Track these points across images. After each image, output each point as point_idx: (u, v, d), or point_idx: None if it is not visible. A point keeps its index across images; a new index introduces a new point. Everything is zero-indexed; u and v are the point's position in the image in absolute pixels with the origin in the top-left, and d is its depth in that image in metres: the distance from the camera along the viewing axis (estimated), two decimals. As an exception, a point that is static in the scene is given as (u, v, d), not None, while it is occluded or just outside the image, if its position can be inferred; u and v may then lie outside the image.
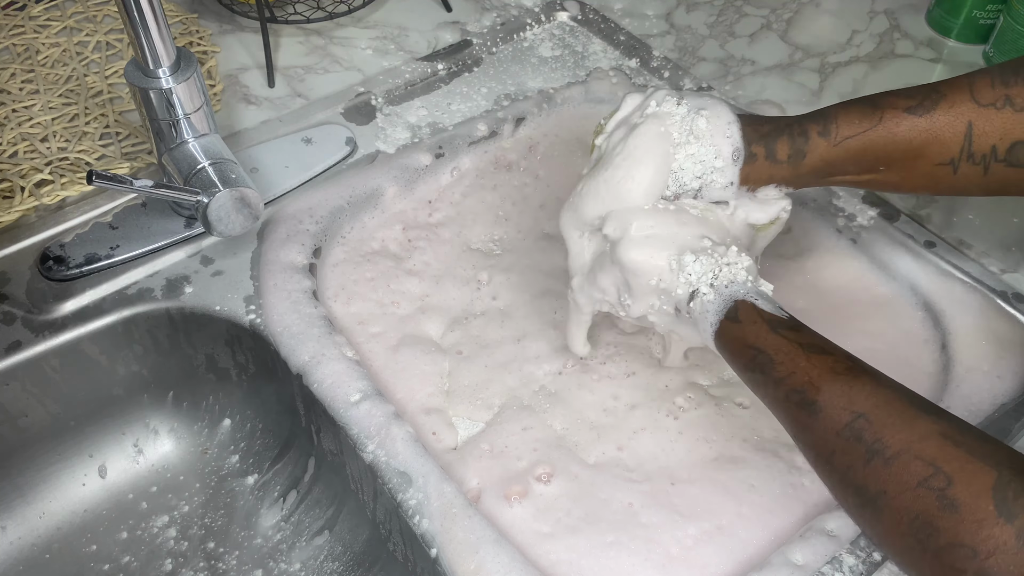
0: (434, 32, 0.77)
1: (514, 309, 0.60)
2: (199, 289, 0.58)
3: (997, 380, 0.54)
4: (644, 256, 0.47)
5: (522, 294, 0.61)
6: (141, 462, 0.62)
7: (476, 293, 0.61)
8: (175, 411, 0.62)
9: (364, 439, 0.50)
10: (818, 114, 0.49)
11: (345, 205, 0.63)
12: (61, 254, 0.58)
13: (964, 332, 0.56)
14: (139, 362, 0.59)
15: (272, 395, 0.59)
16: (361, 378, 0.53)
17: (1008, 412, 0.52)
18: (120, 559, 0.59)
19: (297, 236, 0.60)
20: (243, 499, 0.61)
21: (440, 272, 0.62)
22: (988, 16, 0.76)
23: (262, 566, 0.59)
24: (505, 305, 0.61)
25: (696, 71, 0.74)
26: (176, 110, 0.53)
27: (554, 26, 0.79)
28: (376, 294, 0.60)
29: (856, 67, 0.75)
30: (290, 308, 0.56)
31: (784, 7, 0.82)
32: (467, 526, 0.46)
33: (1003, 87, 0.46)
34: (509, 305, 0.61)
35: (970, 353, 0.55)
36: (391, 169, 0.65)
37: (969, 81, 0.46)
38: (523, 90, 0.72)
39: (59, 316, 0.56)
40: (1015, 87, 0.45)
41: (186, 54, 0.54)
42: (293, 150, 0.65)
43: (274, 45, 0.74)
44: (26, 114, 0.66)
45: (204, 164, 0.54)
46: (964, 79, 0.47)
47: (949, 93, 0.46)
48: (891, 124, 0.47)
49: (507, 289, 0.62)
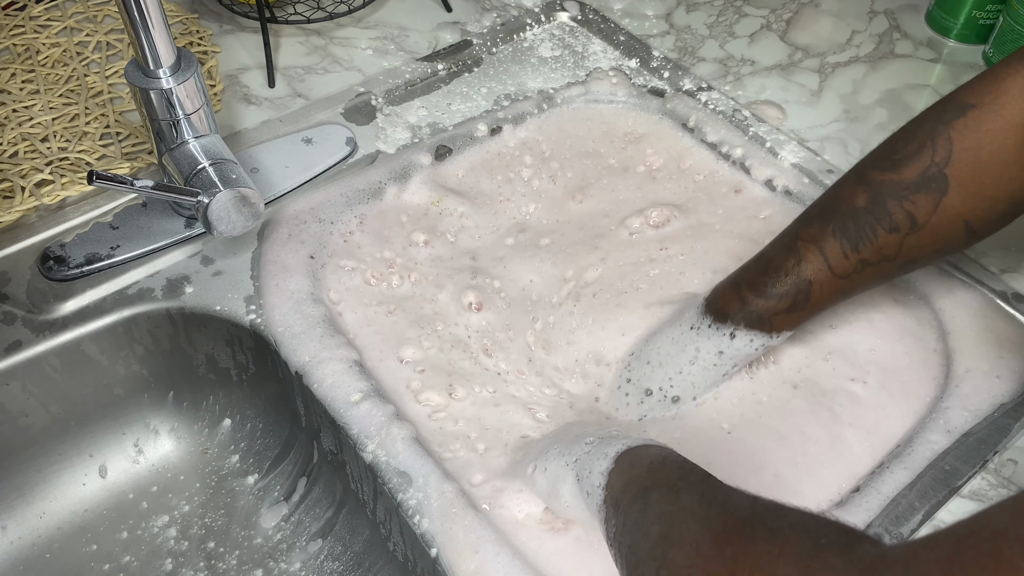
0: (434, 32, 0.77)
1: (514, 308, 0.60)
2: (199, 289, 0.58)
3: (997, 380, 0.54)
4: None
5: (522, 294, 0.61)
6: (141, 462, 0.62)
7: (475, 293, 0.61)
8: (175, 411, 0.63)
9: (364, 439, 0.50)
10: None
11: (345, 205, 0.63)
12: (61, 254, 0.58)
13: (964, 332, 0.56)
14: (139, 362, 0.59)
15: (272, 395, 0.59)
16: (361, 378, 0.53)
17: (1008, 412, 0.52)
18: (120, 559, 0.59)
19: (297, 236, 0.60)
20: (243, 499, 0.61)
21: (440, 272, 0.62)
22: (988, 16, 0.76)
23: (262, 566, 0.59)
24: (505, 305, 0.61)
25: (696, 71, 0.74)
26: (176, 110, 0.53)
27: (554, 26, 0.79)
28: (376, 294, 0.60)
29: (856, 67, 0.75)
30: (290, 308, 0.56)
31: (784, 7, 0.82)
32: (467, 526, 0.46)
33: (855, 253, 0.48)
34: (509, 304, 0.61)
35: (970, 353, 0.55)
36: (391, 169, 0.65)
37: (825, 260, 0.49)
38: (523, 90, 0.72)
39: (59, 316, 0.56)
40: (865, 251, 0.48)
41: (186, 54, 0.54)
42: (293, 150, 0.65)
43: (274, 45, 0.74)
44: (26, 114, 0.66)
45: (204, 164, 0.54)
46: (817, 259, 0.49)
47: (814, 283, 0.49)
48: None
49: (507, 289, 0.62)
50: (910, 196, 0.46)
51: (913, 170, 0.46)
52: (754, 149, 0.67)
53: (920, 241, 0.47)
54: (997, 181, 0.45)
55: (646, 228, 0.64)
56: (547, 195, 0.68)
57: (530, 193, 0.68)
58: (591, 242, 0.64)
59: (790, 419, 0.53)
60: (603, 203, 0.67)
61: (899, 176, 0.46)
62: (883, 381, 0.55)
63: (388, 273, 0.61)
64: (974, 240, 0.48)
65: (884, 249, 0.47)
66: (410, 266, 0.62)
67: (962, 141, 0.45)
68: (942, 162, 0.45)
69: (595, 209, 0.66)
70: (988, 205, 0.46)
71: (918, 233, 0.47)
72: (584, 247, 0.63)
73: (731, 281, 0.53)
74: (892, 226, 0.47)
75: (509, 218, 0.66)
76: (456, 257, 0.63)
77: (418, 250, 0.63)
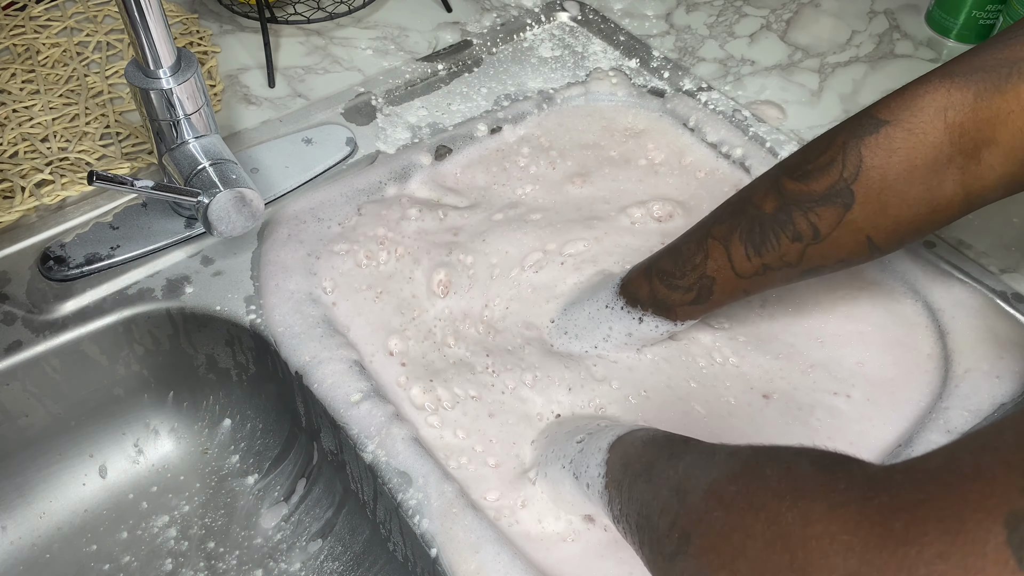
0: (434, 32, 0.77)
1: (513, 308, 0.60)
2: (199, 289, 0.58)
3: (996, 380, 0.53)
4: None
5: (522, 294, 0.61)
6: (141, 462, 0.62)
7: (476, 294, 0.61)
8: (175, 411, 0.63)
9: (364, 439, 0.50)
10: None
11: (345, 205, 0.63)
12: (61, 254, 0.58)
13: (964, 332, 0.56)
14: (139, 362, 0.59)
15: (272, 395, 0.59)
16: (361, 378, 0.53)
17: (1008, 412, 0.52)
18: (120, 559, 0.59)
19: (297, 236, 0.60)
20: (243, 499, 0.61)
21: (420, 247, 0.62)
22: (988, 16, 0.76)
23: (262, 566, 0.59)
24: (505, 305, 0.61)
25: (696, 71, 0.74)
26: (176, 110, 0.53)
27: (554, 26, 0.79)
28: (366, 277, 0.60)
29: (856, 67, 0.75)
30: (291, 308, 0.56)
31: (784, 7, 0.82)
32: (467, 526, 0.46)
33: (758, 257, 0.49)
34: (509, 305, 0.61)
35: (970, 353, 0.55)
36: (391, 169, 0.65)
37: (729, 260, 0.50)
38: (523, 90, 0.72)
39: (59, 316, 0.56)
40: (767, 256, 0.48)
41: (186, 54, 0.54)
42: (293, 150, 0.65)
43: (274, 45, 0.74)
44: (26, 114, 0.66)
45: (204, 164, 0.54)
46: (722, 258, 0.50)
47: (717, 281, 0.51)
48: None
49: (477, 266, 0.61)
50: (815, 208, 0.46)
51: (821, 183, 0.46)
52: (754, 149, 0.67)
53: (822, 251, 0.47)
54: (902, 202, 0.45)
55: (649, 220, 0.64)
56: (545, 179, 0.68)
57: (526, 177, 0.68)
58: (587, 222, 0.64)
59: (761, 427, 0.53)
60: (603, 191, 0.67)
61: (808, 187, 0.46)
62: (869, 393, 0.55)
63: (378, 250, 0.61)
64: (878, 254, 0.48)
65: (786, 256, 0.48)
66: (398, 239, 0.62)
67: (872, 158, 0.45)
68: (850, 177, 0.45)
69: (595, 195, 0.66)
70: (890, 224, 0.45)
71: (820, 244, 0.47)
72: (578, 225, 0.64)
73: (644, 268, 0.55)
74: (795, 235, 0.47)
75: (503, 198, 0.66)
76: (456, 257, 0.63)
77: (409, 224, 0.63)
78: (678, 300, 0.53)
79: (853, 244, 0.47)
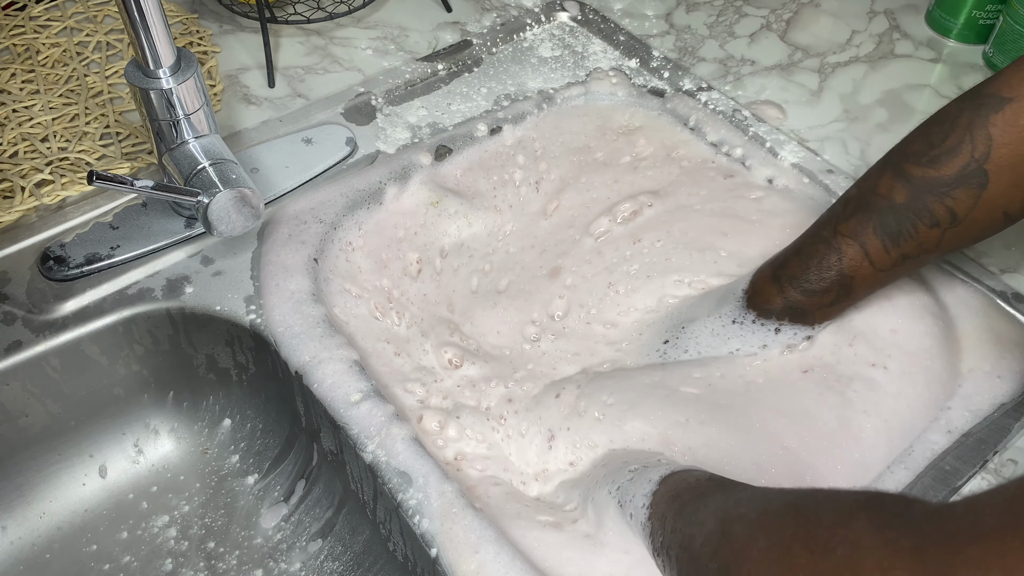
0: (434, 32, 0.77)
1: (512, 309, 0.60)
2: (199, 289, 0.58)
3: (997, 380, 0.54)
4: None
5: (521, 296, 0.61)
6: (141, 462, 0.62)
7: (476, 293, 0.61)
8: (175, 411, 0.63)
9: (364, 439, 0.50)
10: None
11: (345, 205, 0.63)
12: (61, 254, 0.58)
13: (964, 332, 0.56)
14: (139, 362, 0.59)
15: (272, 395, 0.59)
16: (361, 378, 0.53)
17: (1008, 412, 0.52)
18: (120, 559, 0.59)
19: (297, 236, 0.60)
20: (243, 499, 0.61)
21: (440, 273, 0.62)
22: (988, 16, 0.76)
23: (262, 566, 0.59)
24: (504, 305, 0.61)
25: (696, 71, 0.74)
26: (176, 110, 0.53)
27: (554, 26, 0.79)
28: (377, 294, 0.60)
29: (856, 67, 0.75)
30: (291, 308, 0.56)
31: (784, 7, 0.82)
32: (467, 526, 0.46)
33: (896, 248, 0.48)
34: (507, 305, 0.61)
35: (970, 353, 0.55)
36: (391, 169, 0.65)
37: (866, 254, 0.49)
38: (523, 90, 0.72)
39: (59, 316, 0.56)
40: (906, 246, 0.48)
41: (186, 54, 0.54)
42: (293, 150, 0.65)
43: (274, 45, 0.74)
44: (26, 114, 0.66)
45: (204, 164, 0.54)
46: (858, 254, 0.50)
47: (855, 278, 0.50)
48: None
49: (507, 289, 0.62)
50: (950, 192, 0.46)
51: (952, 166, 0.46)
52: (754, 149, 0.67)
53: (960, 234, 0.48)
54: None
55: (614, 226, 0.64)
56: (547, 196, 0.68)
57: (516, 204, 0.68)
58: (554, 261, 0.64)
59: (795, 399, 0.53)
60: (573, 208, 0.67)
61: (938, 172, 0.46)
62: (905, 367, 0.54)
63: (388, 273, 0.61)
64: (1010, 223, 0.48)
65: (925, 243, 0.48)
66: (410, 266, 0.62)
67: (1001, 136, 0.45)
68: (981, 157, 0.45)
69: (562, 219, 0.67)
70: None
71: (958, 227, 0.47)
72: (544, 280, 0.63)
73: (771, 276, 0.53)
74: (933, 222, 0.47)
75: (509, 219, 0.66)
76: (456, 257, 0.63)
77: (418, 250, 0.63)
78: (816, 303, 0.52)
79: (989, 221, 0.47)
